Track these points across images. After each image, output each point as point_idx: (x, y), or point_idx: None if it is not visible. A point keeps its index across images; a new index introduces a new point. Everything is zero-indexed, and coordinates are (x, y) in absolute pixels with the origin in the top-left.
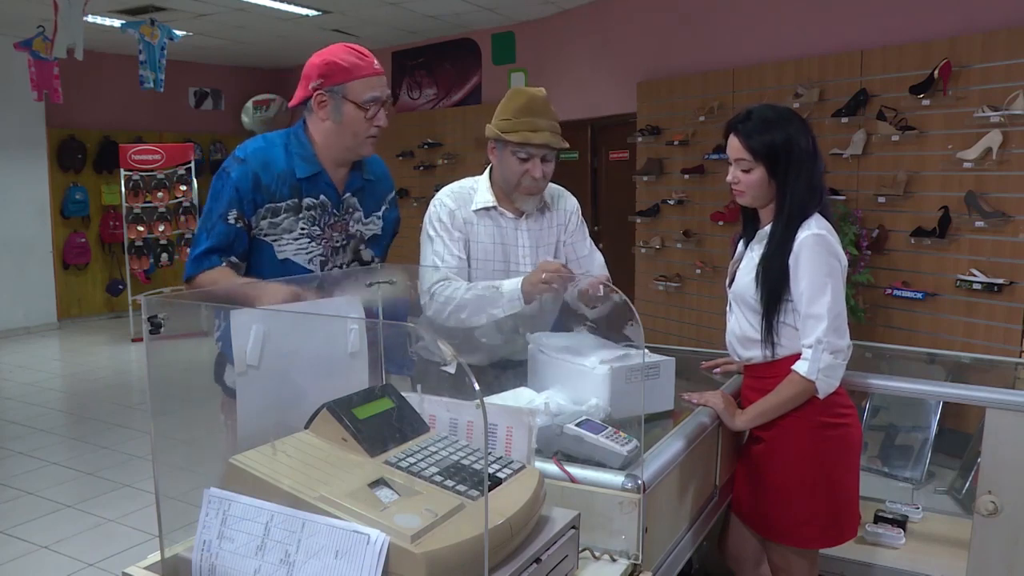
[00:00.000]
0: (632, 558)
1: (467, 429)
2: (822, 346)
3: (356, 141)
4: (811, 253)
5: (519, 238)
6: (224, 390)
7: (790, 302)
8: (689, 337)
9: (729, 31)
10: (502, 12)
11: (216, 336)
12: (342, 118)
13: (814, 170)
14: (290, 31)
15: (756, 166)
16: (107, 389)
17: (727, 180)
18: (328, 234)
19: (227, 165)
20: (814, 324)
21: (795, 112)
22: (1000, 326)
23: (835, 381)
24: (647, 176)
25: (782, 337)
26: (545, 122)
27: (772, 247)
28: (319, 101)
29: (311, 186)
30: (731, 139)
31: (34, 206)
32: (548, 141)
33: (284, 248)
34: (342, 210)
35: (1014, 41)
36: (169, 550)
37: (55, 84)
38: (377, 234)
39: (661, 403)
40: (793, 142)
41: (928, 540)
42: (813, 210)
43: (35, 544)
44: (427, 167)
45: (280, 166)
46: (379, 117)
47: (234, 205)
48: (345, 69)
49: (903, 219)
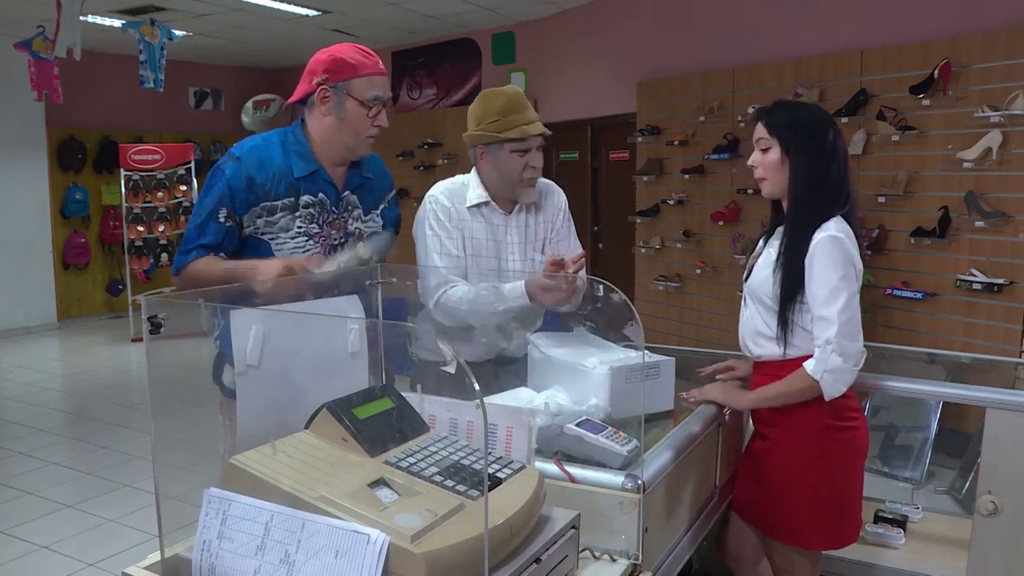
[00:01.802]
0: (632, 558)
1: (467, 429)
2: (831, 347)
3: (356, 140)
4: (825, 256)
5: (508, 234)
6: (222, 390)
7: (803, 303)
8: (689, 337)
9: (729, 31)
10: (502, 12)
11: (215, 336)
12: (344, 115)
13: (831, 166)
14: (290, 31)
15: (772, 143)
16: (107, 389)
17: (747, 164)
18: (326, 232)
19: (222, 163)
20: (825, 326)
21: (827, 112)
22: (1000, 326)
23: (842, 385)
24: (647, 176)
25: (795, 337)
26: (532, 113)
27: (787, 243)
28: (322, 96)
29: (310, 184)
30: (757, 126)
31: (34, 206)
32: (543, 130)
33: (282, 247)
34: (341, 208)
35: (1014, 41)
36: (169, 550)
37: (55, 84)
38: (377, 232)
39: (661, 403)
40: (814, 128)
41: (928, 540)
42: (833, 210)
43: (35, 544)
44: (427, 167)
45: (277, 164)
46: (381, 117)
47: (225, 203)
48: (351, 66)
49: (903, 219)
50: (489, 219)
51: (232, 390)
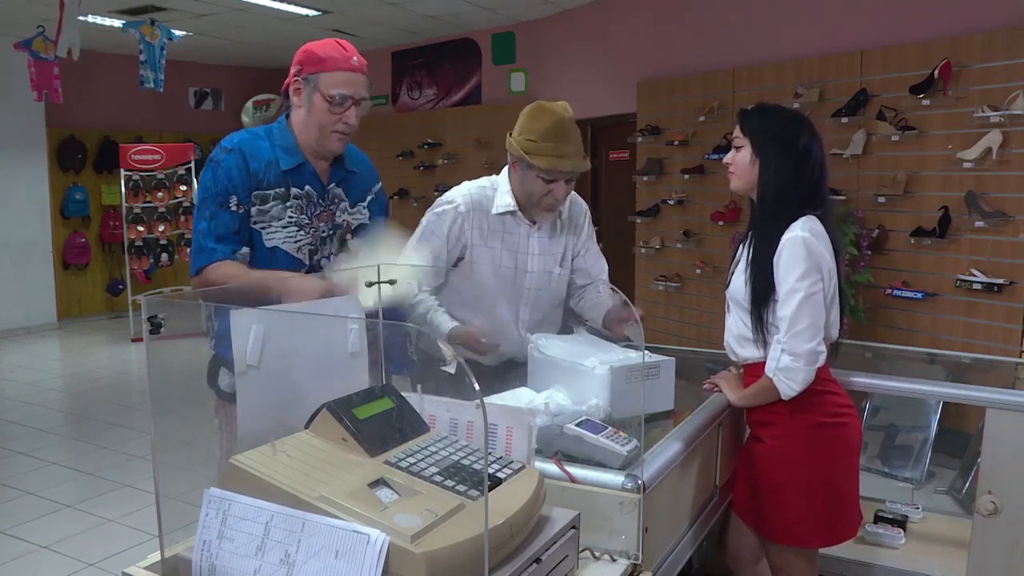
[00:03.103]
0: (632, 558)
1: (467, 429)
2: (780, 346)
3: (322, 134)
4: (788, 255)
5: (531, 245)
6: (218, 393)
7: (776, 302)
8: (689, 337)
9: (729, 31)
10: (502, 12)
11: (211, 338)
12: (311, 107)
13: (802, 168)
14: (290, 31)
15: (745, 143)
16: (107, 389)
17: (723, 161)
18: (315, 223)
19: (215, 156)
20: (781, 325)
21: (804, 115)
22: (1000, 326)
23: (795, 384)
24: (647, 176)
25: (772, 336)
26: (572, 147)
27: (755, 243)
28: (295, 88)
29: (296, 177)
30: (736, 127)
31: (34, 206)
32: (575, 167)
33: (272, 236)
34: (328, 200)
35: (1014, 41)
36: (169, 550)
37: (55, 84)
38: (364, 223)
39: (661, 403)
40: (786, 131)
41: (928, 540)
42: (801, 211)
43: (35, 544)
44: (427, 167)
45: (266, 156)
46: (348, 115)
47: (232, 192)
48: (320, 60)
49: (903, 219)
50: (512, 228)
51: (228, 392)
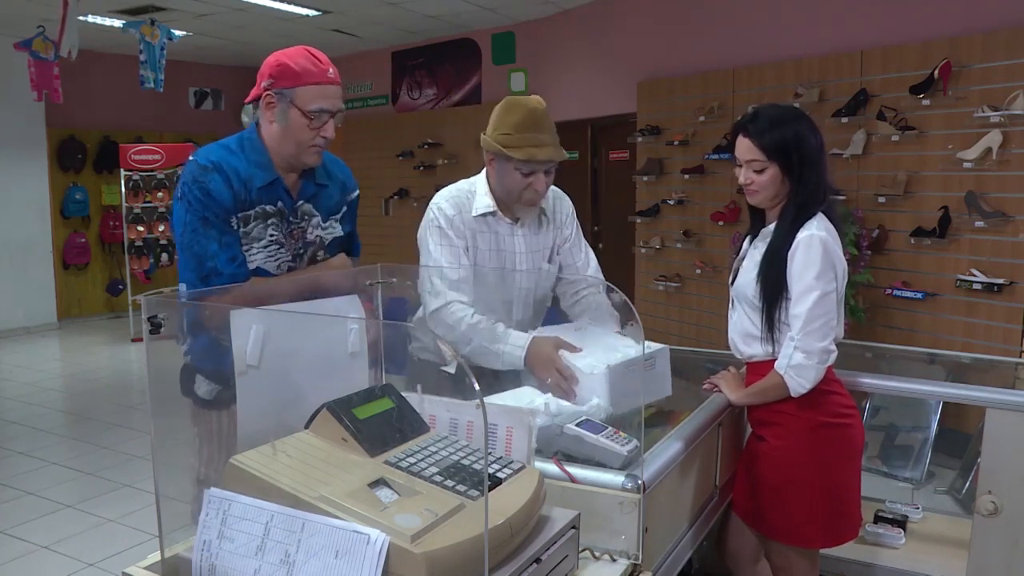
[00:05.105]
0: (632, 558)
1: (467, 429)
2: (794, 344)
3: (299, 149)
4: (805, 254)
5: (515, 244)
6: (194, 400)
7: (789, 300)
8: (689, 337)
9: (729, 31)
10: (502, 12)
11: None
12: (287, 123)
13: (820, 166)
14: (290, 31)
15: (770, 165)
16: (107, 389)
17: (740, 182)
18: (288, 241)
19: (196, 175)
20: (794, 323)
21: (801, 110)
22: (1000, 326)
23: (806, 382)
24: (647, 176)
25: (783, 335)
26: (548, 136)
27: (775, 244)
28: (267, 102)
29: (269, 193)
30: (740, 140)
31: (34, 206)
32: (552, 156)
33: (254, 256)
34: (298, 217)
35: (1014, 41)
36: (169, 550)
37: (55, 84)
38: (338, 236)
39: (659, 391)
40: (803, 138)
41: (928, 540)
42: (817, 209)
43: (35, 544)
44: (427, 167)
45: (243, 173)
46: (326, 128)
47: (230, 212)
48: (296, 73)
49: (903, 219)
50: (495, 228)
51: (206, 400)
